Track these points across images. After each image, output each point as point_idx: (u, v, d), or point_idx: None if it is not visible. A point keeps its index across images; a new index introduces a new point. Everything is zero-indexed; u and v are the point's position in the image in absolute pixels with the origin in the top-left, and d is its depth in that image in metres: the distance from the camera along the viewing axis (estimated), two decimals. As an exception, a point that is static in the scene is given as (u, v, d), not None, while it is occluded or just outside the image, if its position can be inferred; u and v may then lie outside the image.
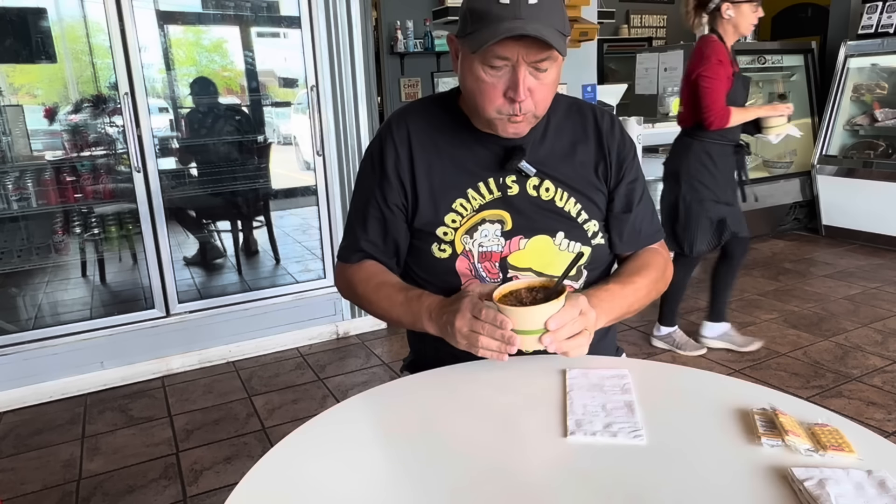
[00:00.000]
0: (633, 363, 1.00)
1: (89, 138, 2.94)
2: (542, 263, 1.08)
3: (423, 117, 1.12)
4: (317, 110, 2.99)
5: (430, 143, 1.10)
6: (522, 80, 0.96)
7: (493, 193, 1.08)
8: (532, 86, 0.97)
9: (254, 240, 3.78)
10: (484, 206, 1.08)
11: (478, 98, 1.01)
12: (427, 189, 1.09)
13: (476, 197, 1.08)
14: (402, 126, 1.11)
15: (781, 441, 0.75)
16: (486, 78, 0.98)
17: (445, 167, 1.09)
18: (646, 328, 3.15)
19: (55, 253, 3.02)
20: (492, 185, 1.08)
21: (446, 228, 1.08)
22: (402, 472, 0.76)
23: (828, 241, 4.64)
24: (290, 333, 3.11)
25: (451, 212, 1.08)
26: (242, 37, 3.26)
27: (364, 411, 0.92)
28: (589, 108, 1.15)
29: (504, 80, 0.97)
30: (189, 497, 1.97)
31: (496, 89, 0.98)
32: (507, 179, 1.08)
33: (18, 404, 2.60)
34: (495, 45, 0.93)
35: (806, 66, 4.99)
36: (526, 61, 0.95)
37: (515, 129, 1.02)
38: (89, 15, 2.72)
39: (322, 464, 0.77)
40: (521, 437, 0.81)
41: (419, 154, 1.09)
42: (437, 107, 1.13)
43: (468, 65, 1.00)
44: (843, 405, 2.33)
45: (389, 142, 1.11)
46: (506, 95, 0.98)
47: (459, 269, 1.08)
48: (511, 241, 1.07)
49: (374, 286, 1.09)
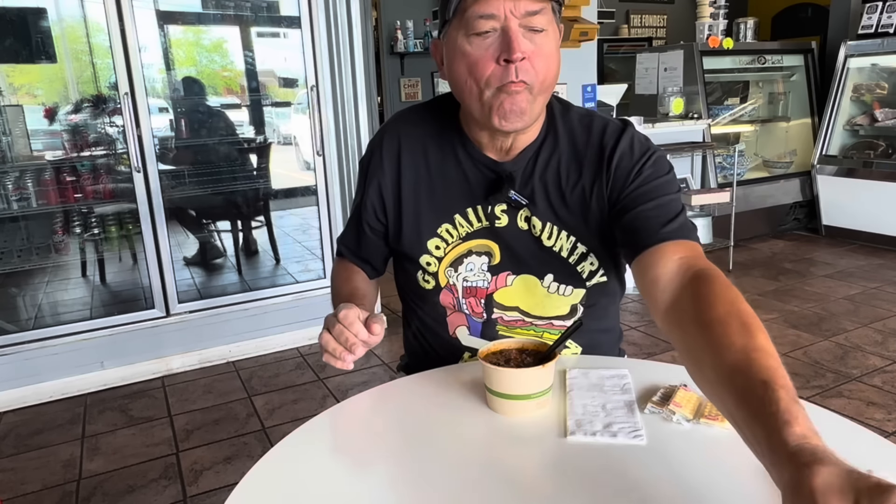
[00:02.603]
0: (633, 363, 1.00)
1: (89, 138, 2.94)
2: (530, 304, 1.01)
3: (418, 128, 1.04)
4: (317, 110, 2.99)
5: (421, 161, 1.02)
6: (516, 36, 0.83)
7: (480, 222, 1.00)
8: (528, 50, 0.84)
9: (254, 240, 3.78)
10: (471, 235, 1.00)
11: (467, 81, 0.88)
12: (412, 211, 1.02)
13: (463, 224, 1.00)
14: (394, 139, 1.04)
15: (662, 409, 0.82)
16: (472, 51, 0.86)
17: (434, 189, 1.01)
18: (646, 328, 3.15)
19: (55, 253, 3.02)
20: (480, 212, 0.99)
21: (430, 258, 1.02)
22: (402, 471, 0.76)
23: (828, 241, 4.64)
24: (290, 333, 3.10)
25: (436, 237, 1.01)
26: (242, 37, 3.26)
27: (364, 411, 0.92)
28: (600, 125, 0.99)
29: (494, 46, 0.84)
30: (189, 497, 1.97)
31: (486, 58, 0.85)
32: (497, 209, 0.99)
33: (18, 404, 2.60)
34: (475, 3, 0.82)
35: (806, 66, 4.99)
36: (516, 15, 0.83)
37: (511, 110, 0.87)
38: (89, 15, 2.72)
39: (322, 464, 0.77)
40: (520, 437, 0.81)
41: (408, 173, 1.02)
42: (435, 116, 1.04)
43: (452, 50, 0.88)
44: (843, 405, 2.33)
45: (377, 158, 1.04)
46: (498, 62, 0.84)
47: (443, 303, 1.04)
48: (498, 277, 1.01)
49: (336, 284, 1.11)
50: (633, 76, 4.88)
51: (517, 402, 0.83)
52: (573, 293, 1.02)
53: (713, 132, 4.48)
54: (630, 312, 3.40)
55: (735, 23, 4.85)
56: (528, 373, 0.83)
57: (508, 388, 0.83)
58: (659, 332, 3.09)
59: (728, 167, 4.55)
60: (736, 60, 4.70)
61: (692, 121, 4.27)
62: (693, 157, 4.35)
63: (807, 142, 4.95)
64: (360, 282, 1.11)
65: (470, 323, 1.05)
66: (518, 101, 0.87)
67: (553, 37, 0.88)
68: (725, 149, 4.64)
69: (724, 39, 4.49)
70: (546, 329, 1.04)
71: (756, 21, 4.92)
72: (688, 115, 4.33)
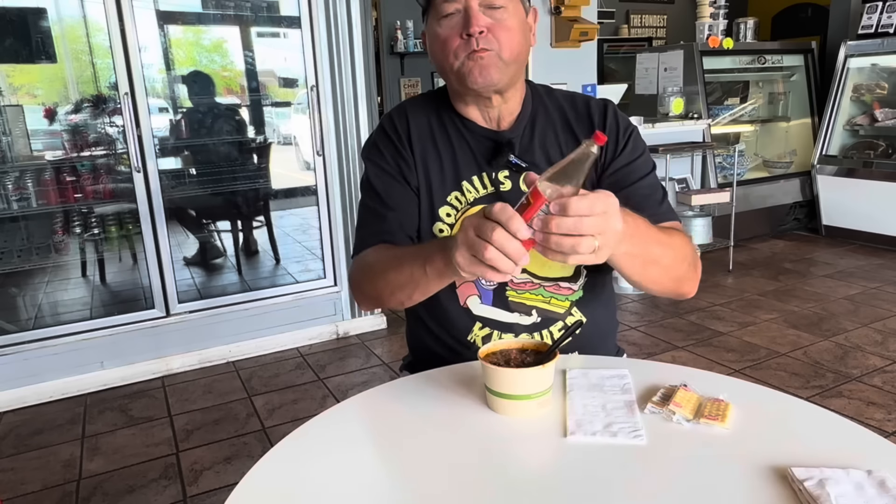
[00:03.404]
0: (633, 363, 1.00)
1: (89, 138, 2.94)
2: (536, 266, 1.06)
3: (422, 109, 1.13)
4: (317, 110, 2.99)
5: (427, 135, 1.10)
6: (474, 14, 0.96)
7: (486, 188, 1.08)
8: (489, 24, 0.98)
9: (254, 240, 3.78)
10: (478, 201, 1.07)
11: (441, 57, 1.01)
12: (424, 182, 1.09)
13: (471, 190, 1.08)
14: (403, 117, 1.12)
15: (662, 409, 0.82)
16: (442, 31, 1.00)
17: (441, 159, 1.09)
18: (646, 328, 3.15)
19: (55, 253, 3.02)
20: (485, 179, 1.08)
21: (442, 225, 1.07)
22: (402, 471, 0.76)
23: (828, 241, 4.64)
24: (290, 333, 3.11)
25: (447, 205, 1.08)
26: (242, 37, 3.26)
27: (364, 411, 0.92)
28: (582, 100, 1.12)
29: (459, 24, 0.98)
30: (189, 497, 1.97)
31: (453, 35, 0.99)
32: (500, 175, 1.07)
33: (18, 404, 2.60)
34: None
35: (806, 66, 4.99)
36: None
37: (481, 70, 0.99)
38: (89, 15, 2.72)
39: (322, 464, 0.77)
40: (520, 437, 0.81)
41: (417, 145, 1.10)
42: (435, 100, 1.14)
43: (430, 35, 1.03)
44: (843, 405, 2.33)
45: (391, 131, 1.11)
46: (462, 36, 0.98)
47: None
48: None
49: (387, 255, 1.01)
50: (633, 76, 4.88)
51: (517, 402, 0.83)
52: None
53: (713, 132, 4.48)
54: (630, 312, 3.40)
55: (735, 23, 4.85)
56: (528, 373, 0.83)
57: (508, 388, 0.83)
58: (659, 332, 3.09)
59: (728, 167, 4.55)
60: (736, 60, 4.70)
61: (692, 121, 4.27)
62: (693, 157, 4.35)
63: (807, 142, 4.95)
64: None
65: (480, 291, 1.08)
66: (485, 62, 0.99)
67: (514, 13, 1.00)
68: (725, 149, 4.64)
69: (724, 39, 4.48)
70: (553, 293, 1.08)
71: (756, 21, 4.92)
72: (688, 115, 4.33)
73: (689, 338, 3.00)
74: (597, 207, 0.70)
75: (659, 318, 3.28)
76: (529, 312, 1.08)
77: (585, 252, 0.71)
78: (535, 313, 1.08)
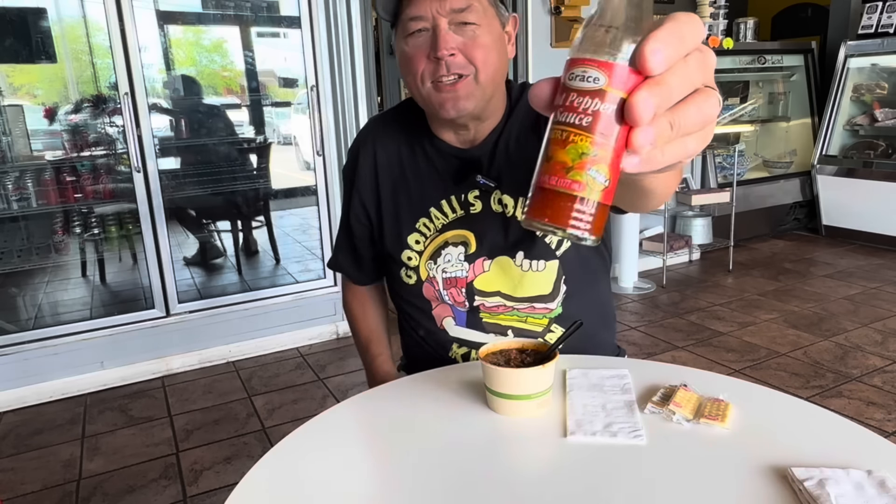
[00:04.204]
0: (633, 363, 1.00)
1: (89, 138, 2.94)
2: (509, 286, 1.03)
3: (391, 137, 1.08)
4: (317, 110, 2.99)
5: (395, 162, 1.06)
6: (442, 35, 0.87)
7: (455, 212, 1.03)
8: (460, 44, 0.88)
9: (254, 240, 3.78)
10: (447, 227, 1.03)
11: (409, 79, 0.93)
12: (391, 211, 1.07)
13: (439, 216, 1.04)
14: (369, 146, 1.09)
15: (662, 409, 0.82)
16: (408, 50, 0.91)
17: (409, 186, 1.05)
18: (646, 328, 3.15)
19: (55, 253, 3.02)
20: (454, 203, 1.03)
21: (411, 253, 1.06)
22: (402, 471, 0.76)
23: (828, 241, 4.64)
24: (290, 333, 3.10)
25: (415, 232, 1.05)
26: (242, 37, 3.26)
27: (364, 411, 0.92)
28: None
29: (426, 45, 0.89)
30: (189, 497, 1.96)
31: (419, 55, 0.90)
32: (470, 196, 1.01)
33: (18, 404, 2.60)
34: (406, 7, 0.88)
35: (806, 66, 4.99)
36: (442, 14, 0.87)
37: (455, 102, 0.90)
38: (89, 15, 2.72)
39: (322, 464, 0.77)
40: (520, 437, 0.81)
41: (384, 176, 1.07)
42: (405, 118, 1.07)
43: (398, 53, 0.95)
44: (843, 405, 2.33)
45: (354, 165, 1.10)
46: (430, 58, 0.89)
47: (426, 296, 1.07)
48: (475, 265, 1.03)
49: (351, 323, 1.26)
50: (633, 76, 4.86)
51: (517, 402, 0.83)
52: (546, 267, 1.02)
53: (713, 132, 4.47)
54: (630, 312, 3.40)
55: (735, 23, 4.84)
56: (528, 373, 0.83)
57: (508, 388, 0.83)
58: (659, 332, 3.09)
59: (728, 167, 4.55)
60: (736, 60, 4.70)
61: (692, 121, 4.26)
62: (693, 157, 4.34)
63: (807, 142, 4.95)
64: (371, 317, 1.23)
65: (455, 313, 1.07)
66: (457, 88, 0.91)
67: (489, 27, 0.91)
68: (725, 149, 4.64)
69: (724, 39, 4.48)
70: (529, 314, 1.04)
71: (756, 21, 4.91)
72: (688, 115, 4.32)
73: (689, 338, 3.00)
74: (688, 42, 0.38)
75: (659, 318, 3.28)
76: (505, 332, 1.06)
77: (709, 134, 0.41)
78: (510, 333, 1.06)
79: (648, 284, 3.76)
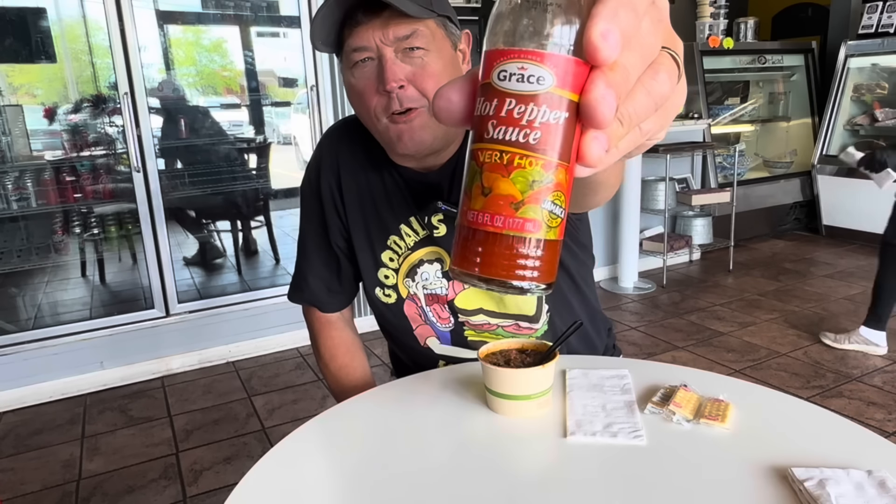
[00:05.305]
0: (633, 363, 0.99)
1: (89, 138, 2.94)
2: (491, 304, 1.00)
3: (354, 144, 1.02)
4: (317, 110, 2.99)
5: (361, 177, 1.01)
6: (388, 66, 0.81)
7: (418, 234, 0.99)
8: (409, 74, 0.82)
9: (253, 240, 3.78)
10: (418, 244, 1.00)
11: (361, 113, 0.87)
12: (361, 227, 1.02)
13: (409, 233, 1.00)
14: (333, 159, 1.03)
15: (662, 410, 0.82)
16: (356, 82, 0.85)
17: (375, 202, 1.00)
18: (646, 328, 3.15)
19: (55, 253, 3.02)
20: (415, 224, 0.99)
21: (387, 271, 1.02)
22: (402, 471, 0.76)
23: (828, 241, 4.64)
24: (289, 333, 3.10)
25: (388, 249, 1.01)
26: (242, 37, 3.26)
27: (363, 411, 0.92)
28: None
29: (373, 76, 0.83)
30: (189, 497, 1.96)
31: (369, 89, 0.84)
32: (434, 219, 0.97)
33: (18, 404, 2.60)
34: (348, 37, 0.82)
35: (806, 65, 4.99)
36: (386, 43, 0.81)
37: (411, 136, 0.85)
38: (89, 15, 2.72)
39: (322, 464, 0.77)
40: (520, 437, 0.81)
41: (350, 190, 1.01)
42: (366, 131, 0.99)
43: (346, 86, 0.88)
44: (843, 405, 2.33)
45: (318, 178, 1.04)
46: (379, 91, 0.83)
47: (408, 314, 1.04)
48: (454, 282, 1.00)
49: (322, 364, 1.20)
50: (633, 76, 4.86)
51: (517, 402, 0.83)
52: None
53: (713, 132, 4.48)
54: (630, 312, 3.40)
55: (735, 22, 4.84)
56: (528, 373, 0.83)
57: (508, 389, 0.83)
58: (659, 332, 3.09)
59: (728, 167, 4.55)
60: (736, 60, 4.70)
61: (692, 121, 4.27)
62: (693, 157, 4.34)
63: (807, 142, 4.95)
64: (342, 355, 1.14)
65: (437, 332, 1.04)
66: (414, 126, 0.85)
67: (439, 52, 0.85)
68: (726, 149, 4.64)
69: (725, 39, 4.48)
70: (513, 333, 1.02)
71: (756, 21, 4.92)
72: (688, 115, 4.33)
73: (689, 338, 3.00)
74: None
75: (659, 318, 3.28)
76: None
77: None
78: None
79: (648, 284, 3.76)
